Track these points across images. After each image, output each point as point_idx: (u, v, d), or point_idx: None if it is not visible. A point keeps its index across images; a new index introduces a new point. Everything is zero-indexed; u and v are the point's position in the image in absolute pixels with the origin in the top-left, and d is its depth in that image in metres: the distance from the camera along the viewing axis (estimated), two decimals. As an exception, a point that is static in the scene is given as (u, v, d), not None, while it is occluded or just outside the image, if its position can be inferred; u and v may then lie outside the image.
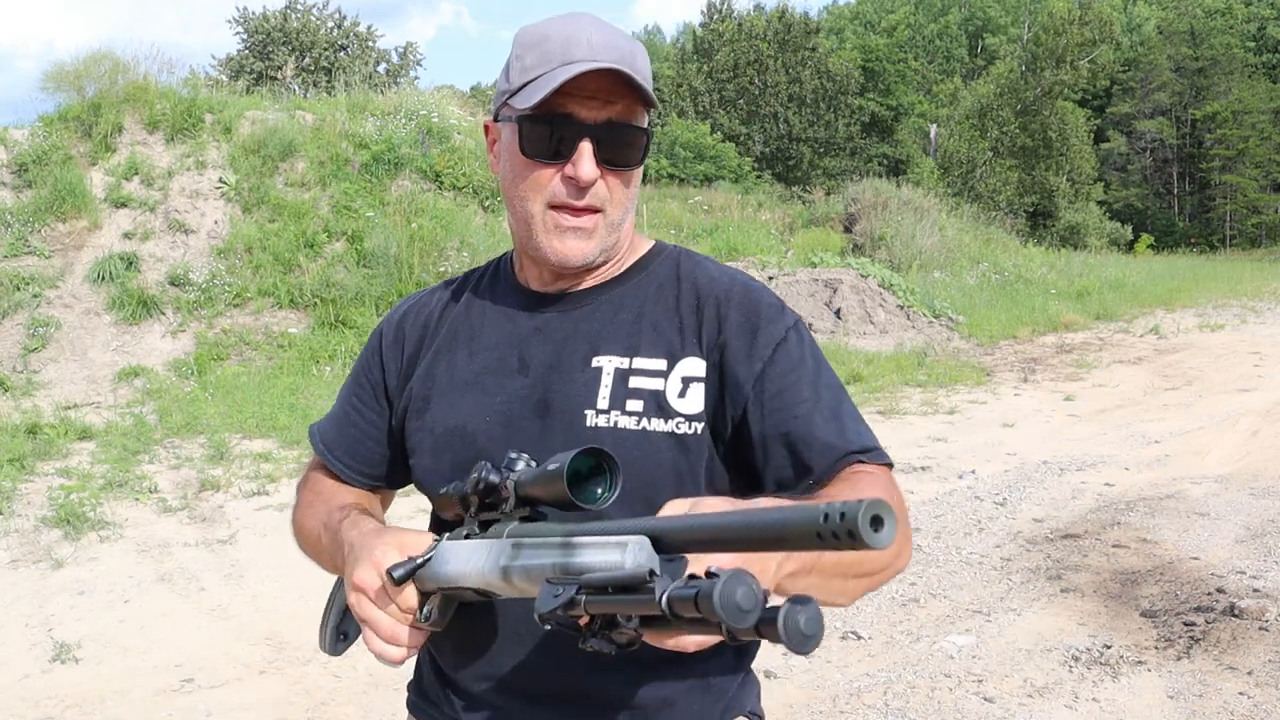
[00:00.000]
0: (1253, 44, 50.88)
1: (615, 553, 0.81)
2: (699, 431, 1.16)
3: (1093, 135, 43.53)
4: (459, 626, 1.13)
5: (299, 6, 28.34)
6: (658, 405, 1.15)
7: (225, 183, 11.63)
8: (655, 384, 1.17)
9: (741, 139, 33.27)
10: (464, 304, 1.33)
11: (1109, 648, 3.98)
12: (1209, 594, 4.48)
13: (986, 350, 12.99)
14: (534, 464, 1.03)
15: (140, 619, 4.43)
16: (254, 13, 27.85)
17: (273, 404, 8.47)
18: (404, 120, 13.15)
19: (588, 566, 0.83)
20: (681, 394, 1.16)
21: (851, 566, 1.02)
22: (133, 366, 9.53)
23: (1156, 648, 3.97)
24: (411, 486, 1.36)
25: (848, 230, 19.01)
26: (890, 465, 1.16)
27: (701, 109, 34.44)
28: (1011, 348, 13.23)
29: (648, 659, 1.18)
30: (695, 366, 1.17)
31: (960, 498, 6.26)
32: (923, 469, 7.01)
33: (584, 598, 0.78)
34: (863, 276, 14.33)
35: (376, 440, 1.35)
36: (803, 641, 0.70)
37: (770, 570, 0.90)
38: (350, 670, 3.91)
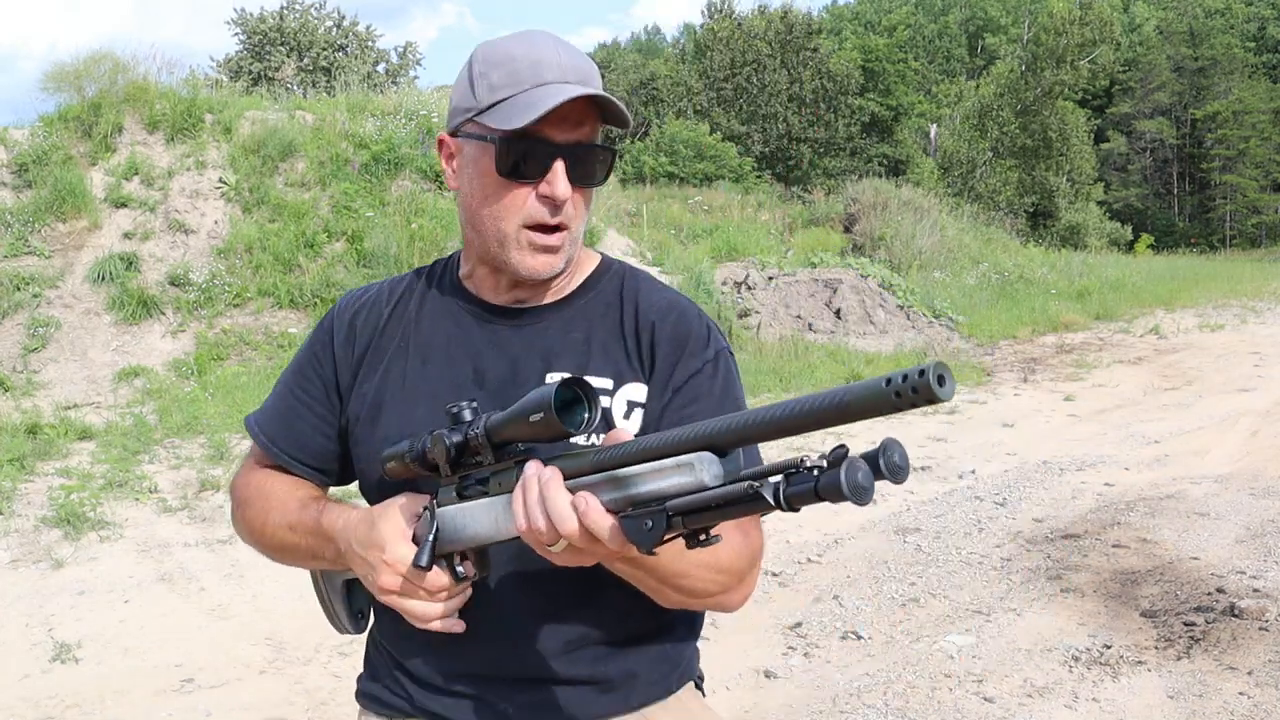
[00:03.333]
0: (1253, 44, 50.88)
1: (685, 475, 0.87)
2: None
3: (1093, 135, 43.51)
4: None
5: (296, 7, 28.31)
6: (605, 423, 1.22)
7: (225, 183, 11.63)
8: (603, 402, 1.23)
9: (741, 139, 33.26)
10: (414, 309, 1.35)
11: (1109, 648, 3.98)
12: (1209, 594, 4.48)
13: (986, 350, 12.99)
14: (477, 411, 1.10)
15: (140, 619, 4.43)
16: (251, 14, 27.83)
17: (273, 404, 8.48)
18: (404, 120, 13.15)
19: (659, 493, 0.89)
20: (626, 415, 1.25)
21: (675, 577, 1.12)
22: (133, 366, 9.53)
23: (1156, 648, 3.97)
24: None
25: (848, 230, 19.00)
26: None
27: (700, 108, 34.44)
28: (1011, 348, 13.23)
29: (615, 639, 1.28)
30: (637, 391, 1.26)
31: (960, 498, 6.27)
32: (923, 469, 7.01)
33: (680, 518, 0.87)
34: (863, 276, 14.33)
35: (326, 435, 1.35)
36: (896, 473, 0.83)
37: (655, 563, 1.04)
38: (350, 670, 3.91)
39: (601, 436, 1.16)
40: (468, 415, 1.10)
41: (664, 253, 14.55)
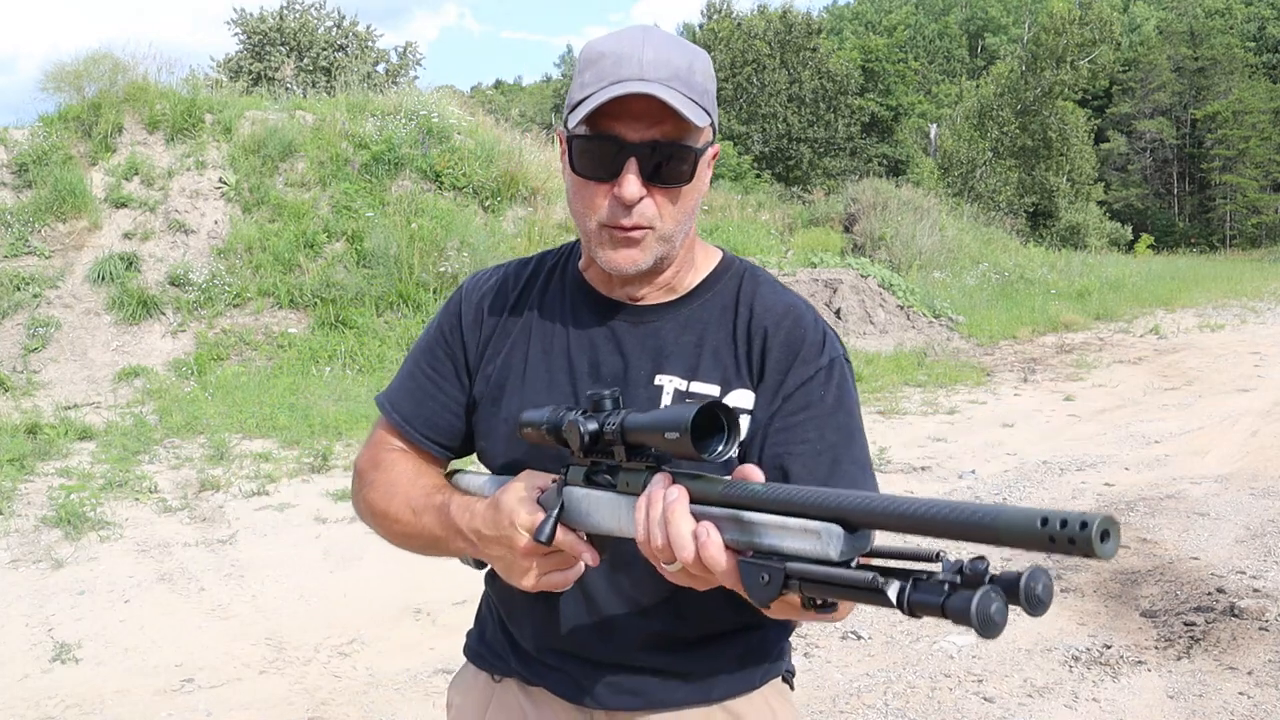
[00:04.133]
0: (1253, 44, 50.86)
1: (810, 541, 0.86)
2: (739, 455, 1.20)
3: (1093, 135, 43.49)
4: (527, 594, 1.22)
5: (296, 7, 28.30)
6: None
7: (225, 183, 11.63)
8: None
9: (741, 139, 33.26)
10: (537, 297, 1.37)
11: (1109, 648, 3.98)
12: (1209, 594, 4.48)
13: (986, 350, 12.99)
14: (618, 403, 1.09)
15: (140, 619, 4.43)
16: (251, 14, 27.81)
17: (273, 404, 8.48)
18: (404, 120, 13.15)
19: (778, 549, 0.89)
20: None
21: (785, 611, 1.09)
22: (133, 366, 9.53)
23: (1156, 648, 3.97)
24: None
25: (848, 230, 19.01)
26: None
27: (701, 109, 34.38)
28: (1011, 348, 13.23)
29: (701, 635, 1.31)
30: (744, 398, 1.25)
31: (960, 498, 6.26)
32: (923, 469, 7.01)
33: (797, 582, 0.86)
34: (863, 276, 14.33)
35: (455, 414, 1.39)
36: (1036, 606, 0.75)
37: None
38: (350, 670, 3.91)
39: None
40: (608, 405, 1.09)
41: (664, 253, 14.52)
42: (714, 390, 1.25)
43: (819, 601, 0.88)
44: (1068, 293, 17.56)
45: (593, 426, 1.08)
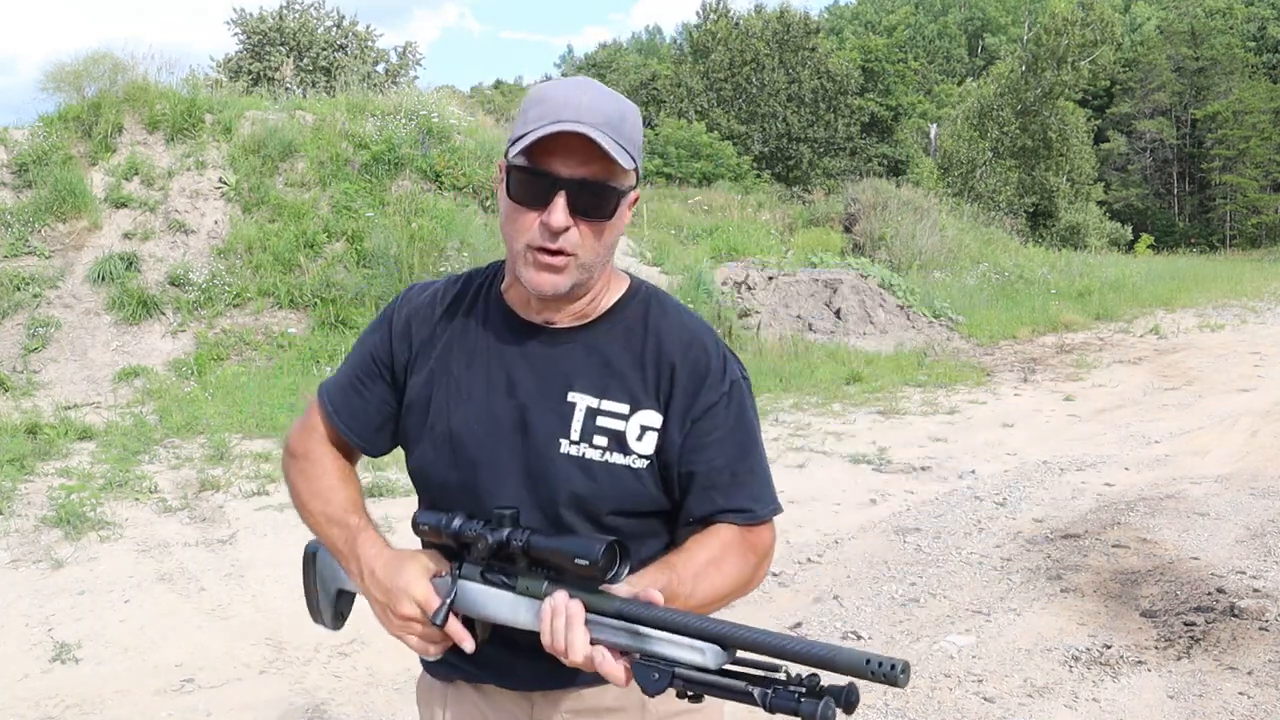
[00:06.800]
0: (1253, 44, 50.82)
1: (695, 655, 1.13)
2: (647, 467, 1.40)
3: (1093, 135, 43.48)
4: None
5: (296, 7, 28.28)
6: (619, 443, 1.39)
7: (225, 183, 11.63)
8: (618, 425, 1.40)
9: (741, 138, 33.24)
10: (463, 315, 1.50)
11: (1109, 648, 3.98)
12: (1209, 594, 4.48)
13: (986, 350, 12.99)
14: (516, 521, 1.28)
15: (140, 619, 4.42)
16: (251, 14, 27.79)
17: (273, 404, 8.47)
18: (404, 120, 13.14)
19: (668, 658, 1.14)
20: (639, 437, 1.40)
21: (720, 601, 1.35)
22: (133, 366, 9.53)
23: (1156, 648, 3.97)
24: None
25: (848, 230, 19.01)
26: (763, 521, 1.43)
27: (700, 108, 34.41)
28: (1011, 348, 13.24)
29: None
30: (652, 418, 1.40)
31: (960, 498, 6.27)
32: (923, 469, 7.01)
33: (682, 682, 1.13)
34: (863, 276, 14.34)
35: (378, 411, 1.52)
36: (851, 709, 1.09)
37: (685, 603, 1.25)
38: (350, 670, 3.91)
39: (579, 444, 1.38)
40: (509, 525, 1.28)
41: (664, 253, 14.53)
42: (623, 409, 1.39)
43: (690, 694, 1.14)
44: (1068, 293, 17.56)
45: (497, 539, 1.26)
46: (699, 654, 1.12)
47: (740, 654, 1.13)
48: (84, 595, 4.69)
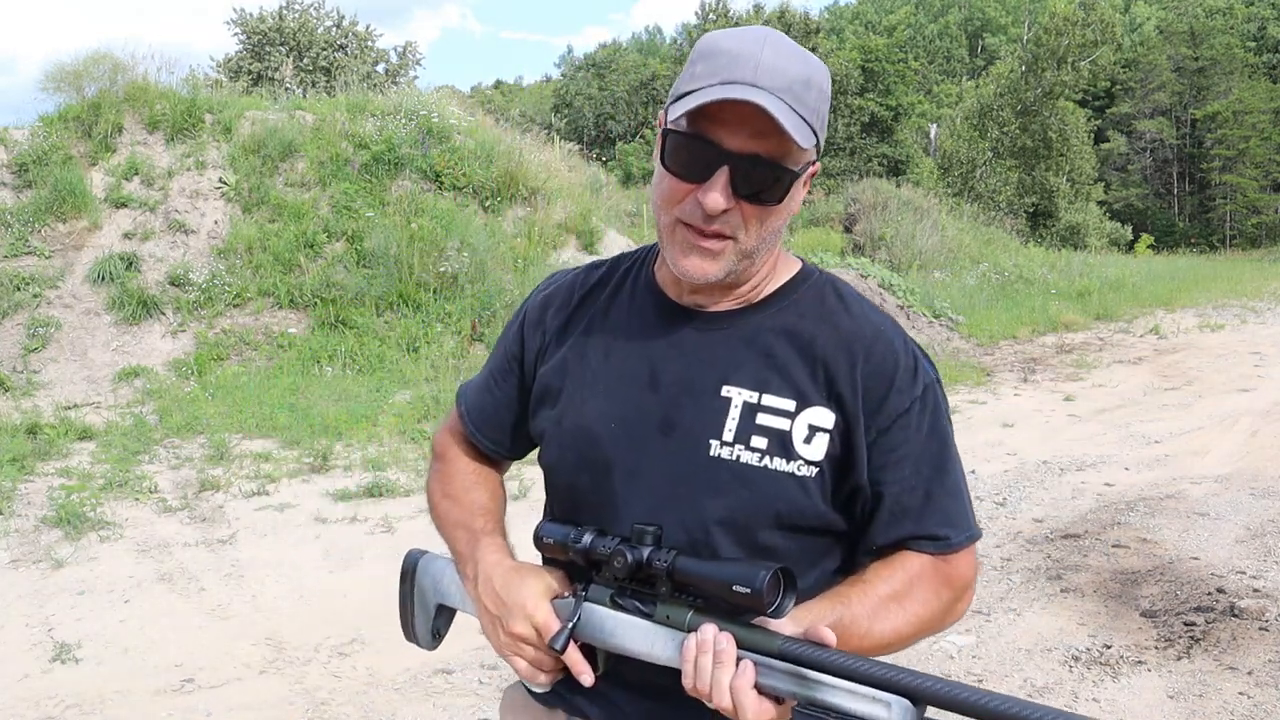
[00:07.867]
0: (1253, 44, 50.85)
1: (879, 710, 0.93)
2: (816, 475, 1.18)
3: (1093, 135, 43.48)
4: None
5: (296, 7, 28.29)
6: (782, 445, 1.18)
7: (225, 183, 11.63)
8: (782, 424, 1.18)
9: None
10: (605, 300, 1.33)
11: (1109, 648, 3.98)
12: (1209, 594, 4.48)
13: (986, 350, 12.99)
14: (658, 540, 1.11)
15: (140, 619, 4.42)
16: (251, 14, 27.81)
17: (273, 404, 8.47)
18: (404, 120, 13.14)
19: (841, 710, 0.95)
20: (807, 440, 1.18)
21: (901, 643, 1.19)
22: (133, 366, 9.53)
23: (1156, 648, 3.97)
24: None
25: (848, 230, 19.01)
26: (958, 548, 1.22)
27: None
28: (1011, 348, 13.23)
29: None
30: (823, 417, 1.18)
31: (960, 498, 6.26)
32: (923, 469, 7.00)
33: None
34: (863, 276, 14.33)
35: (509, 410, 1.40)
36: None
37: (859, 644, 1.09)
38: (350, 670, 3.91)
39: (740, 450, 1.17)
40: (650, 541, 1.11)
41: (664, 253, 14.52)
42: (788, 405, 1.18)
43: None
44: (1068, 293, 17.56)
45: (635, 558, 1.10)
46: (883, 708, 0.93)
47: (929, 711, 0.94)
48: (84, 595, 4.68)
